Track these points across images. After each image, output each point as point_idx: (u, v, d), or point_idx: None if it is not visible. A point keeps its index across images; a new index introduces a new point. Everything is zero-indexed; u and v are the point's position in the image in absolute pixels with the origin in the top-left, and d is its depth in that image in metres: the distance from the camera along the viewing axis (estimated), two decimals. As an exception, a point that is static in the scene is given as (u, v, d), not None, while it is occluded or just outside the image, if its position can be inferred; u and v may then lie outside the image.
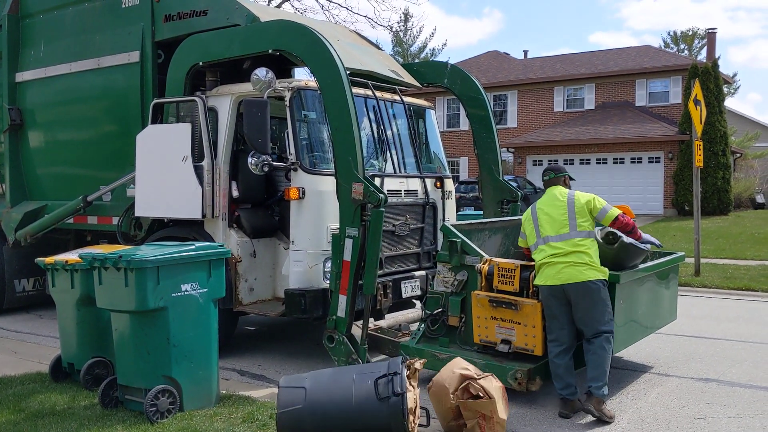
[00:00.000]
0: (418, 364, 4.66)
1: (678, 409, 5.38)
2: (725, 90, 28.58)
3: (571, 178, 5.82)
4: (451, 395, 4.66)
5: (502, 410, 4.61)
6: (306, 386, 4.44)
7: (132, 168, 7.30)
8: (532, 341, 5.39)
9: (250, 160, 6.34)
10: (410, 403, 4.35)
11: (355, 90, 6.49)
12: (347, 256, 5.72)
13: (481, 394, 4.60)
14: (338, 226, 5.88)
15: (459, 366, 4.84)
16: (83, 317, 5.77)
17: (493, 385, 4.68)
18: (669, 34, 63.02)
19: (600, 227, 5.66)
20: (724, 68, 27.45)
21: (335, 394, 4.38)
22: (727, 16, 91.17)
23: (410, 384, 4.48)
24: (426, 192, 7.43)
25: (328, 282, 6.17)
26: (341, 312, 5.79)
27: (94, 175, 8.15)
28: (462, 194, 22.80)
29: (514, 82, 32.19)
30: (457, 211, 8.46)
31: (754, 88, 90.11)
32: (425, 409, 4.75)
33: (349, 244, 5.71)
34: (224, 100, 6.91)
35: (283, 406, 4.39)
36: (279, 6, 22.40)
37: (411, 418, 4.35)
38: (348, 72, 6.13)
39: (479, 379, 4.69)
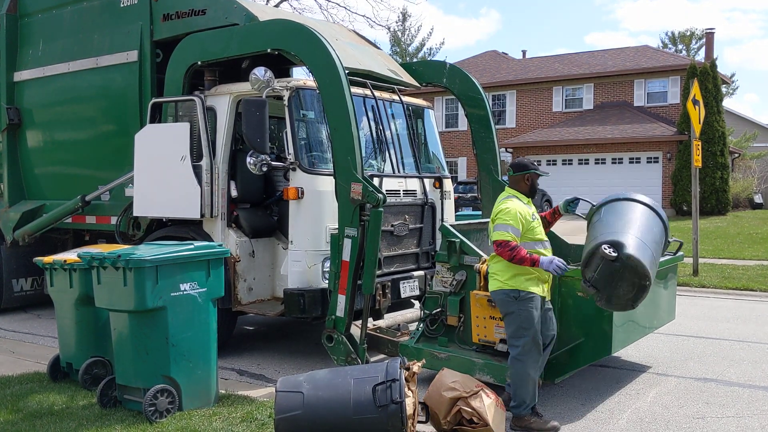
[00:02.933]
0: (416, 367, 4.62)
1: (676, 408, 5.38)
2: (723, 90, 28.60)
3: (539, 175, 5.24)
4: (443, 422, 4.65)
5: (498, 428, 4.60)
6: (303, 391, 4.43)
7: (130, 167, 7.29)
8: (531, 341, 5.38)
9: (248, 159, 6.34)
10: (409, 409, 4.33)
11: (354, 89, 6.48)
12: (346, 255, 5.72)
13: (476, 419, 4.57)
14: (337, 226, 5.87)
15: (446, 386, 4.71)
16: (82, 317, 5.76)
17: (485, 403, 4.61)
18: (667, 34, 63.14)
19: None
20: (721, 69, 27.43)
21: (333, 401, 4.36)
22: (723, 16, 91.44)
23: (409, 388, 4.46)
24: (425, 192, 7.43)
25: (326, 282, 6.17)
26: (340, 311, 5.79)
27: (93, 175, 8.15)
28: (460, 194, 22.81)
29: (512, 82, 32.20)
30: (455, 212, 8.46)
31: (751, 88, 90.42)
32: (424, 404, 4.74)
33: (347, 244, 5.71)
34: (223, 100, 6.91)
35: (281, 411, 4.38)
36: (277, 5, 22.39)
37: (410, 422, 4.34)
38: (347, 71, 6.12)
39: (469, 397, 4.62)
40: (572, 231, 19.61)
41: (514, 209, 4.94)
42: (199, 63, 6.93)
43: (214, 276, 5.25)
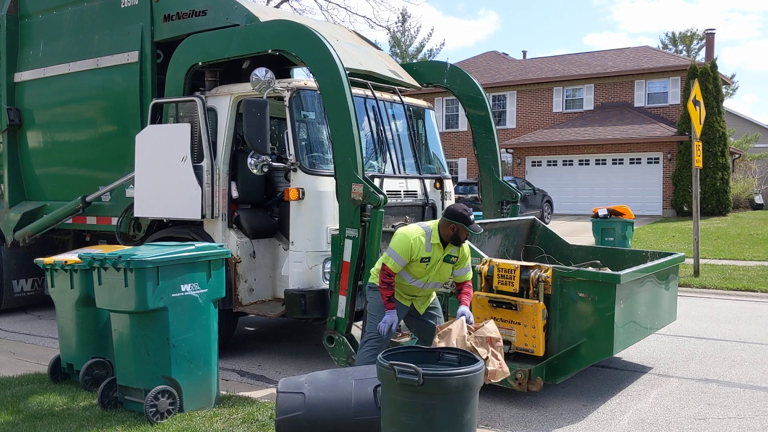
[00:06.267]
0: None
1: (678, 409, 5.38)
2: (724, 91, 28.59)
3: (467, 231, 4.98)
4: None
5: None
6: (305, 392, 4.42)
7: (131, 168, 7.29)
8: (533, 341, 5.39)
9: (249, 160, 6.33)
10: None
11: (355, 90, 6.48)
12: (347, 256, 5.72)
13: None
14: (338, 227, 5.87)
15: (461, 334, 4.80)
16: (82, 318, 5.75)
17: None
18: (667, 35, 63.12)
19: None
20: (720, 70, 27.41)
21: (334, 402, 4.35)
22: (722, 17, 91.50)
23: None
24: (425, 193, 7.43)
25: (327, 283, 6.17)
26: (341, 312, 5.78)
27: (93, 176, 8.14)
28: (461, 195, 22.80)
29: (513, 83, 32.19)
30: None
31: (750, 89, 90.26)
32: None
33: (348, 244, 5.70)
34: (223, 101, 6.90)
35: (282, 412, 4.37)
36: (278, 6, 22.39)
37: None
38: (347, 72, 6.12)
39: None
40: (573, 232, 19.61)
41: (411, 240, 4.95)
42: (200, 64, 6.93)
43: (215, 277, 5.24)
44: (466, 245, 5.20)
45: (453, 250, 5.10)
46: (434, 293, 5.42)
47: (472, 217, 4.99)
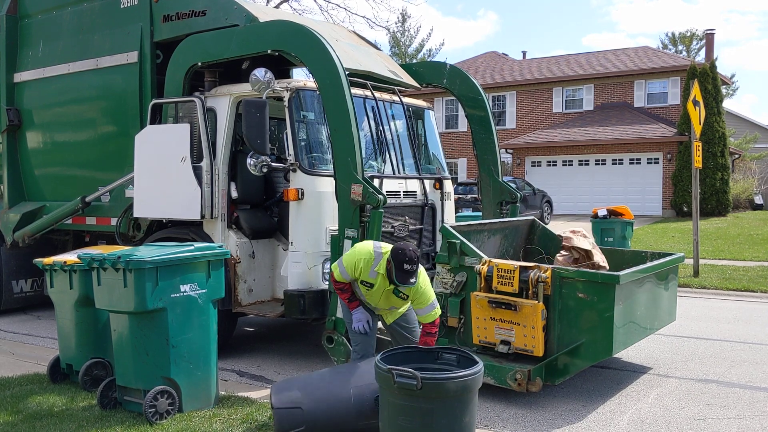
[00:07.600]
0: None
1: (677, 410, 5.38)
2: (724, 91, 28.59)
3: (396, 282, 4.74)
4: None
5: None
6: (303, 407, 4.36)
7: (131, 168, 7.29)
8: (532, 342, 5.38)
9: (248, 160, 6.33)
10: None
11: (354, 90, 6.48)
12: (346, 257, 5.71)
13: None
14: (337, 227, 5.87)
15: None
16: (82, 318, 5.75)
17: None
18: (667, 35, 63.13)
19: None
20: (720, 70, 27.41)
21: (335, 414, 4.30)
22: (721, 18, 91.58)
23: None
24: (425, 193, 7.42)
25: (327, 283, 6.16)
26: (340, 313, 5.78)
27: (93, 176, 8.14)
28: (460, 195, 22.79)
29: (512, 83, 32.18)
30: (456, 213, 8.45)
31: (749, 89, 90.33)
32: None
33: (348, 245, 5.70)
34: (223, 101, 6.90)
35: (282, 430, 4.33)
36: (277, 6, 22.39)
37: None
38: (347, 72, 6.12)
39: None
40: (572, 232, 19.52)
41: (357, 258, 4.84)
42: (200, 64, 6.93)
43: (214, 277, 5.24)
44: (423, 281, 4.80)
45: (402, 287, 4.78)
46: (404, 308, 5.20)
47: (409, 266, 4.52)
